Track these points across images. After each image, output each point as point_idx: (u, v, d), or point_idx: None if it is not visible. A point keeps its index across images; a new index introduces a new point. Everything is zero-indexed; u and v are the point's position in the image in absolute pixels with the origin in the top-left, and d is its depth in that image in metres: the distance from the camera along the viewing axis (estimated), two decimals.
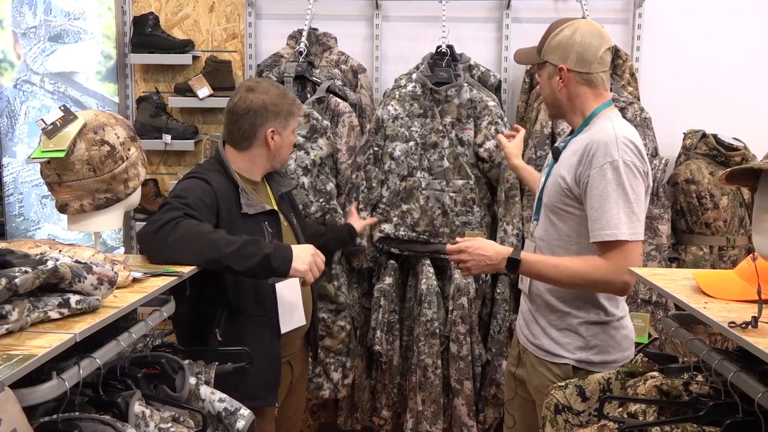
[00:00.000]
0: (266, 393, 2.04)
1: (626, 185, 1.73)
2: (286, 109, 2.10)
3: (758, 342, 1.19)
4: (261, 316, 2.02)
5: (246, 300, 2.00)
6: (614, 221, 1.73)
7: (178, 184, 2.00)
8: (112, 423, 1.25)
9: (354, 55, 3.13)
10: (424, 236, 2.82)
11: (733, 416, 1.29)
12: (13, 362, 1.05)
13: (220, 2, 3.22)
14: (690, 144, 2.98)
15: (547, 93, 1.94)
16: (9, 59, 3.21)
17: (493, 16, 3.17)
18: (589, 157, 1.77)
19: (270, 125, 2.08)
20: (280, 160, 2.17)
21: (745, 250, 2.87)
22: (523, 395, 2.04)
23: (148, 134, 3.10)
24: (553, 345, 1.90)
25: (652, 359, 1.62)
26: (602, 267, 1.76)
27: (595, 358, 1.87)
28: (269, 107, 2.07)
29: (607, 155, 1.74)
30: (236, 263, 1.78)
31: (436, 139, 2.81)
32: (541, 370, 1.92)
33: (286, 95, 2.13)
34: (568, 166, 1.83)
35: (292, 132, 2.16)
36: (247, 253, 1.78)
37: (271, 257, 1.80)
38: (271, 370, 2.05)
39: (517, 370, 2.05)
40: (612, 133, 1.77)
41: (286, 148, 2.15)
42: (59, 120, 1.77)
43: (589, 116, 1.88)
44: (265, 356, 2.01)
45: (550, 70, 1.89)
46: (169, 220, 1.79)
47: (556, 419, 1.64)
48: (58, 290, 1.27)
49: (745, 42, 3.13)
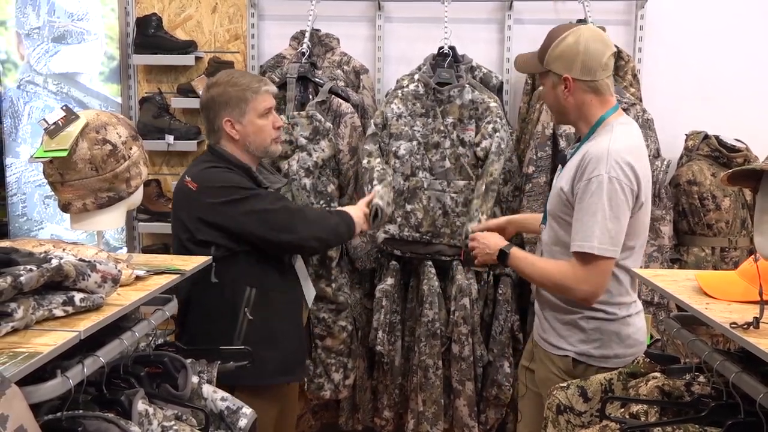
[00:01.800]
0: (297, 367, 2.15)
1: (606, 201, 1.76)
2: (235, 96, 2.05)
3: (760, 343, 1.20)
4: (286, 291, 2.12)
5: (272, 276, 2.08)
6: (588, 234, 1.77)
7: (209, 176, 2.04)
8: (115, 421, 1.26)
9: (356, 56, 3.13)
10: (427, 237, 2.82)
11: (734, 417, 1.29)
12: (18, 359, 1.06)
13: (223, 3, 3.23)
14: (692, 145, 2.98)
15: (552, 101, 1.93)
16: (12, 60, 3.22)
17: (495, 18, 3.18)
18: (582, 169, 1.81)
19: (223, 116, 2.05)
20: (257, 147, 2.11)
21: (747, 252, 2.87)
22: (533, 389, 2.07)
23: (150, 135, 3.10)
24: (556, 337, 1.95)
25: (654, 360, 1.62)
26: (568, 274, 1.83)
27: (595, 351, 1.89)
28: (216, 98, 2.06)
29: (595, 170, 1.78)
30: (344, 229, 2.15)
31: (437, 139, 2.82)
32: (546, 363, 1.97)
33: (237, 82, 2.07)
34: (567, 176, 1.87)
35: (259, 115, 2.07)
36: (344, 219, 2.14)
37: (350, 222, 2.16)
38: (300, 344, 2.17)
39: (530, 364, 2.10)
40: (605, 147, 1.79)
41: (256, 133, 2.08)
42: (61, 120, 1.77)
43: (596, 124, 1.88)
44: (294, 331, 2.11)
45: (554, 79, 1.88)
46: (284, 201, 2.12)
47: (558, 420, 1.65)
48: (62, 288, 1.27)
49: (747, 43, 3.13)
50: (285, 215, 2.03)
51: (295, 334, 2.11)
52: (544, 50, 1.89)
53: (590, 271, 1.79)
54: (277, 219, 2.01)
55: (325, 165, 2.83)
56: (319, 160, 2.80)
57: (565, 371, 1.90)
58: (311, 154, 2.79)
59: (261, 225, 2.01)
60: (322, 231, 2.12)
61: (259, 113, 2.08)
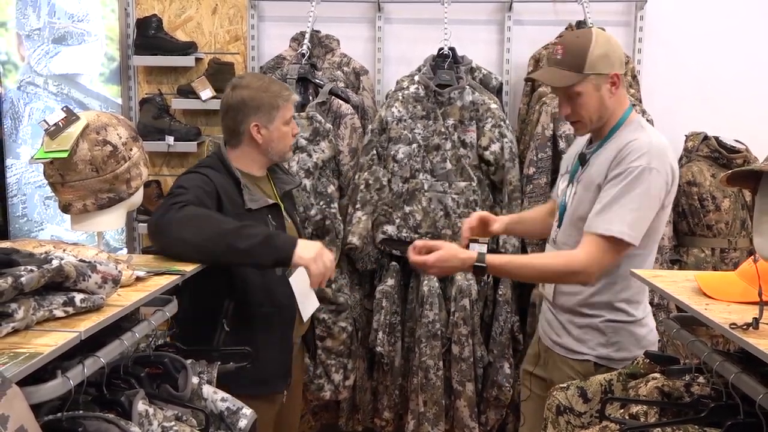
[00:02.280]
0: (276, 379, 2.06)
1: (644, 190, 1.75)
2: (267, 102, 2.05)
3: (759, 343, 1.20)
4: (270, 307, 2.02)
5: (253, 291, 2.00)
6: (620, 218, 1.74)
7: (178, 179, 2.01)
8: (116, 421, 1.26)
9: (356, 57, 3.14)
10: (426, 238, 2.82)
11: (734, 417, 1.29)
12: (19, 360, 1.06)
13: (223, 4, 3.24)
14: (692, 146, 2.99)
15: (596, 105, 1.84)
16: (13, 61, 3.22)
17: (494, 19, 3.18)
18: (619, 159, 1.79)
19: (252, 120, 2.04)
20: (277, 153, 2.11)
21: (747, 252, 2.87)
22: (538, 393, 2.05)
23: (150, 136, 3.10)
24: (574, 342, 1.93)
25: (653, 361, 1.62)
26: (574, 259, 1.79)
27: (615, 354, 1.89)
28: (248, 102, 2.04)
29: (638, 159, 1.76)
30: (239, 241, 1.75)
31: (438, 141, 2.82)
32: (563, 368, 1.95)
33: (268, 88, 2.07)
34: (598, 171, 1.83)
35: (284, 122, 2.08)
36: (250, 233, 1.77)
37: (274, 237, 1.80)
38: (282, 358, 2.07)
39: (535, 369, 2.08)
40: (647, 141, 1.80)
41: (279, 139, 2.09)
42: (62, 121, 1.77)
43: (621, 119, 1.88)
44: (276, 344, 2.03)
45: (597, 81, 1.82)
46: (173, 203, 1.82)
47: (558, 420, 1.65)
48: (62, 289, 1.28)
49: (747, 44, 3.14)
50: (176, 220, 1.79)
51: (277, 348, 2.02)
52: (579, 57, 1.81)
53: (607, 254, 1.76)
54: (162, 221, 1.81)
55: (325, 166, 2.83)
56: (319, 161, 2.80)
57: (585, 376, 1.86)
58: (311, 155, 2.79)
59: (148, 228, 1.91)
60: (201, 235, 1.77)
61: (285, 120, 2.09)
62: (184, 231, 1.77)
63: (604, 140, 1.88)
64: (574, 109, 1.85)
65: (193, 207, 1.82)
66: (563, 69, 1.83)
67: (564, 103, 1.87)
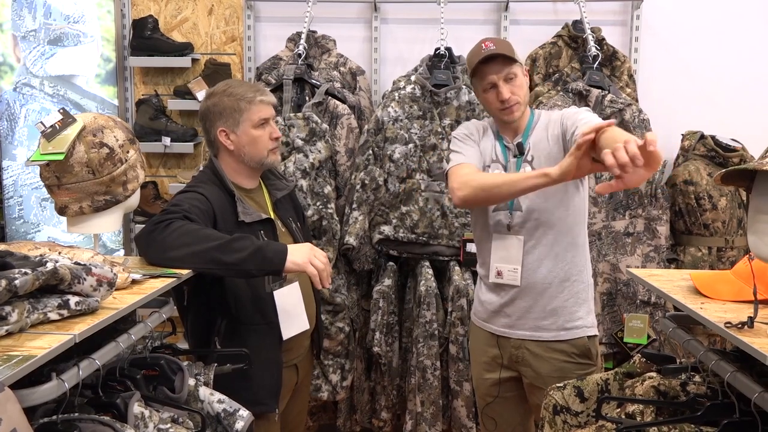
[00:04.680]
0: (268, 398, 2.00)
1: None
2: (229, 106, 1.98)
3: (754, 342, 1.20)
4: (261, 324, 1.98)
5: (245, 308, 1.97)
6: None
7: (174, 197, 1.97)
8: (111, 424, 1.26)
9: (353, 58, 3.14)
10: (423, 238, 2.83)
11: (730, 416, 1.30)
12: (13, 363, 1.06)
13: (219, 5, 3.23)
14: (688, 145, 2.99)
15: (525, 90, 2.03)
16: (9, 62, 3.22)
17: (491, 19, 3.18)
18: (559, 117, 1.98)
19: (218, 126, 2.00)
20: (253, 158, 2.02)
21: (744, 251, 2.87)
22: (505, 395, 2.08)
23: (147, 137, 3.10)
24: (564, 320, 2.00)
25: (650, 360, 1.63)
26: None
27: (594, 320, 2.05)
28: (211, 108, 2.01)
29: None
30: (227, 255, 1.72)
31: (435, 141, 2.82)
32: (552, 355, 1.99)
33: (232, 92, 2.00)
34: (553, 133, 1.97)
35: (253, 126, 2.00)
36: (239, 246, 1.74)
37: (263, 249, 1.75)
38: (273, 377, 2.02)
39: (501, 373, 2.07)
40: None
41: (250, 144, 2.00)
42: (58, 123, 1.77)
43: (531, 110, 2.08)
44: (266, 363, 1.98)
45: (521, 70, 2.01)
46: (163, 220, 1.78)
47: (555, 420, 1.65)
48: (57, 292, 1.27)
49: (744, 43, 3.14)
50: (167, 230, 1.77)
51: (266, 365, 1.97)
52: (508, 48, 1.97)
53: None
54: (148, 239, 1.79)
55: (322, 166, 2.83)
56: (316, 162, 2.80)
57: (580, 353, 1.98)
58: (308, 156, 2.79)
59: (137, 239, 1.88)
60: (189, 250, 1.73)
61: (253, 124, 2.00)
62: (168, 249, 1.75)
63: (529, 124, 2.03)
64: (513, 91, 1.96)
65: (179, 222, 1.77)
66: (503, 53, 1.97)
67: (504, 87, 1.95)
